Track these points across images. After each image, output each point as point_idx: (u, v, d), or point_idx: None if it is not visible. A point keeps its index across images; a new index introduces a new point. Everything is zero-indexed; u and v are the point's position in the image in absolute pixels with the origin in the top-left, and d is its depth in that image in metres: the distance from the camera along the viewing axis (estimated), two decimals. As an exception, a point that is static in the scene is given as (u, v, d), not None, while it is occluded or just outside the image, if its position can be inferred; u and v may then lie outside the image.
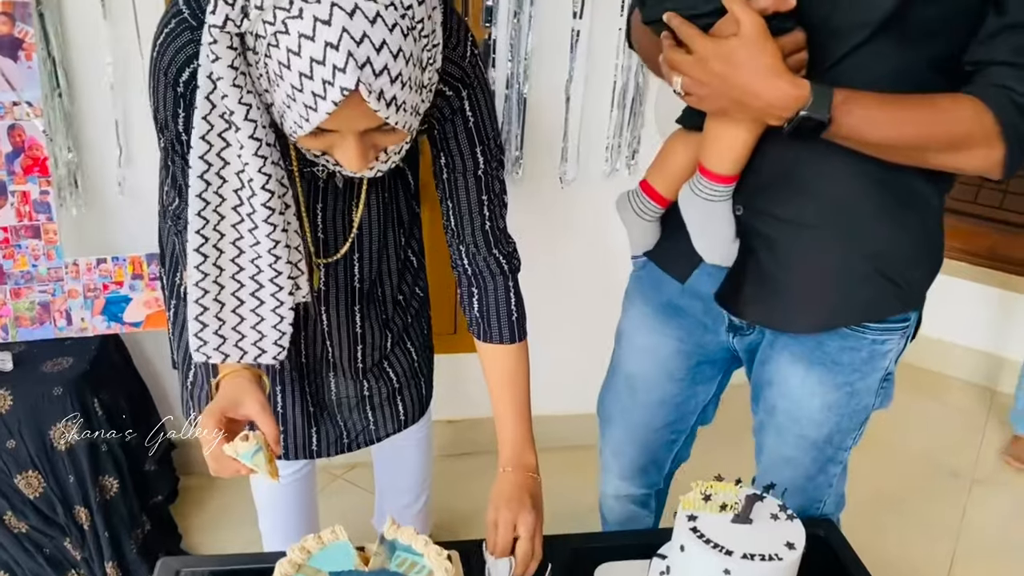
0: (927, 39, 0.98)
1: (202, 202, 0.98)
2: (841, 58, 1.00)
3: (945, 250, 1.17)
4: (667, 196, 1.24)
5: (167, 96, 1.01)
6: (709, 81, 0.98)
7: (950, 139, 0.97)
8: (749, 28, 0.95)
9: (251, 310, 1.06)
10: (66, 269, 1.83)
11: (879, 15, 0.96)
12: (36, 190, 1.77)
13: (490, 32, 1.93)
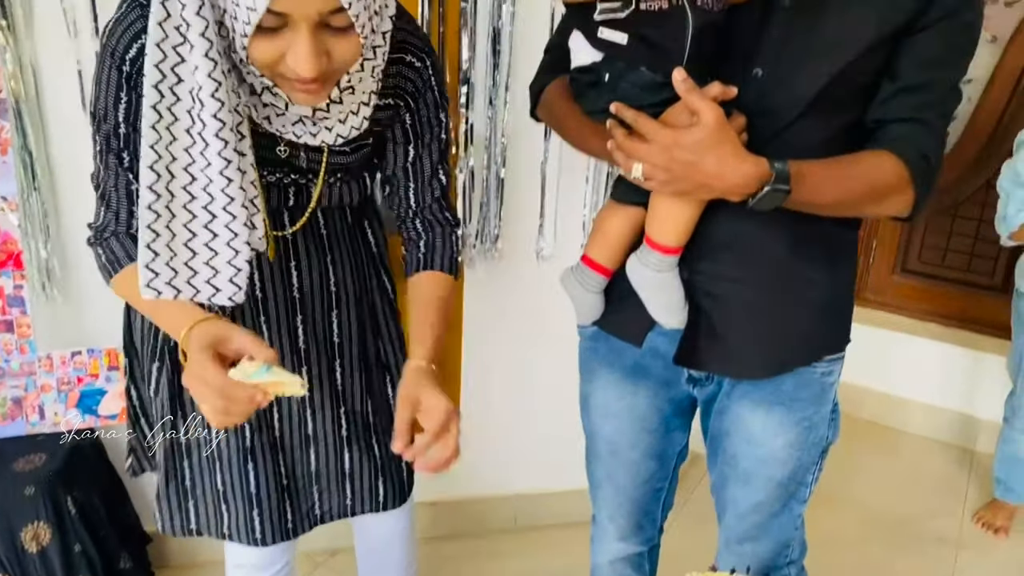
0: (843, 111, 1.13)
1: (155, 134, 0.98)
2: (774, 136, 1.11)
3: (917, 313, 1.32)
4: (609, 267, 1.29)
5: (110, 78, 1.02)
6: (673, 168, 1.04)
7: (876, 191, 1.11)
8: (711, 118, 1.02)
9: (204, 244, 1.03)
10: (39, 363, 1.80)
11: (808, 96, 1.10)
12: (10, 284, 1.75)
13: (467, 117, 1.97)
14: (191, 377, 0.99)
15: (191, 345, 1.01)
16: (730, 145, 1.04)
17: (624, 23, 1.06)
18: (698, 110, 1.03)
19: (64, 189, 1.81)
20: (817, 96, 1.10)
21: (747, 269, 1.21)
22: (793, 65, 1.11)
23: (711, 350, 1.25)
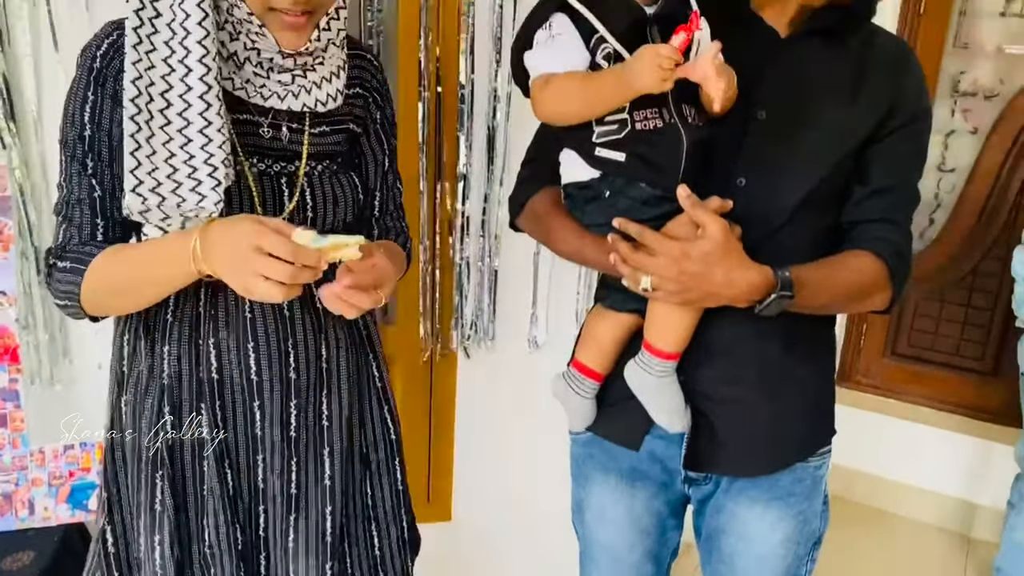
0: (824, 214, 1.20)
1: (136, 53, 1.00)
2: (763, 240, 1.16)
3: (907, 395, 1.42)
4: (601, 371, 1.31)
5: (79, 83, 1.06)
6: (682, 280, 1.09)
7: (862, 291, 1.19)
8: (717, 231, 1.08)
9: (184, 162, 1.03)
10: (31, 457, 1.79)
11: (791, 204, 1.17)
12: (5, 378, 1.75)
13: (463, 210, 2.01)
14: (235, 255, 0.95)
15: (222, 227, 0.99)
16: (736, 256, 1.09)
17: (621, 142, 1.11)
18: (704, 223, 1.08)
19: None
20: (801, 203, 1.16)
21: (744, 371, 1.24)
22: (775, 175, 1.17)
23: (714, 452, 1.27)
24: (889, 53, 1.21)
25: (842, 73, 1.18)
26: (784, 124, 1.16)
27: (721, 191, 1.14)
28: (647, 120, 1.10)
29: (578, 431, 1.40)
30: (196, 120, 1.03)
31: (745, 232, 1.15)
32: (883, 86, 1.17)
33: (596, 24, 1.09)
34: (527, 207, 1.34)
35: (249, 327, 1.14)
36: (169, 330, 1.14)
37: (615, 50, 1.09)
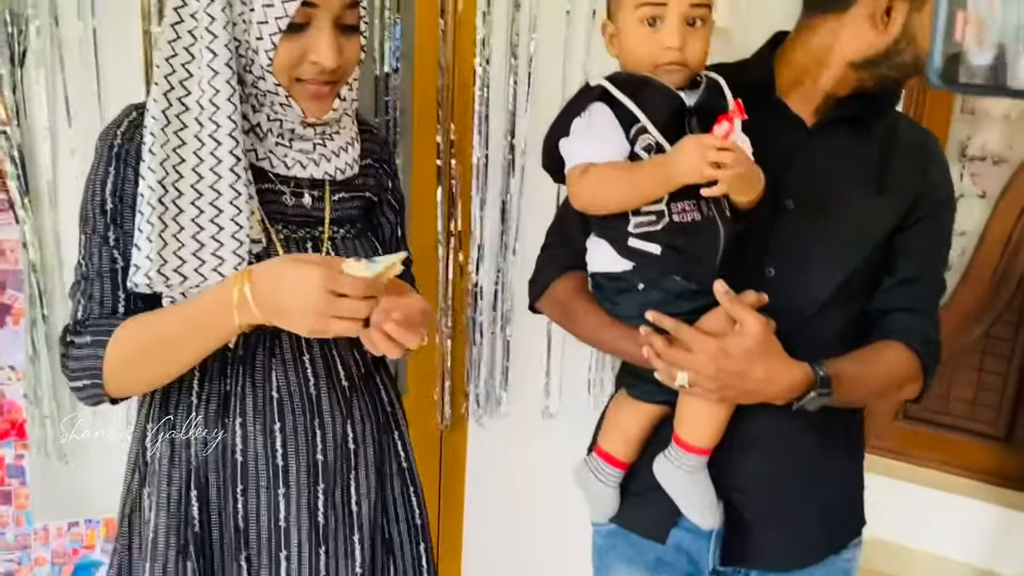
0: (854, 303, 1.20)
1: (163, 134, 1.02)
2: (794, 331, 1.14)
3: (921, 459, 1.44)
4: (626, 460, 1.27)
5: (100, 160, 1.07)
6: (721, 377, 1.07)
7: (896, 383, 1.19)
8: (757, 327, 1.07)
9: (212, 236, 1.04)
10: (35, 535, 1.75)
11: (823, 295, 1.16)
12: (11, 454, 1.72)
13: (477, 279, 2.00)
14: (307, 300, 0.93)
15: (275, 274, 0.97)
16: (776, 353, 1.08)
17: (657, 234, 1.09)
18: (742, 319, 1.07)
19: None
20: (833, 295, 1.16)
21: (778, 462, 1.22)
22: (805, 266, 1.15)
23: (747, 547, 1.24)
24: (913, 142, 1.21)
25: (869, 162, 1.18)
26: (813, 214, 1.15)
27: (751, 282, 1.13)
28: (684, 212, 1.08)
29: (600, 522, 1.36)
30: (227, 192, 1.04)
31: (777, 324, 1.13)
32: (909, 176, 1.18)
33: (638, 114, 1.07)
34: (549, 292, 1.32)
35: (276, 408, 1.11)
36: (195, 412, 1.11)
37: (656, 141, 1.07)
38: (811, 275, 1.16)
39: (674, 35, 1.05)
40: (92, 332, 1.05)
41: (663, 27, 1.05)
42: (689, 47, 1.06)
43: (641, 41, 1.07)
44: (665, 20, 1.05)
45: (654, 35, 1.06)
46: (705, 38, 1.08)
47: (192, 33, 1.04)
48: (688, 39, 1.06)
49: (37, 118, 1.68)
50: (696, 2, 1.05)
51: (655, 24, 1.06)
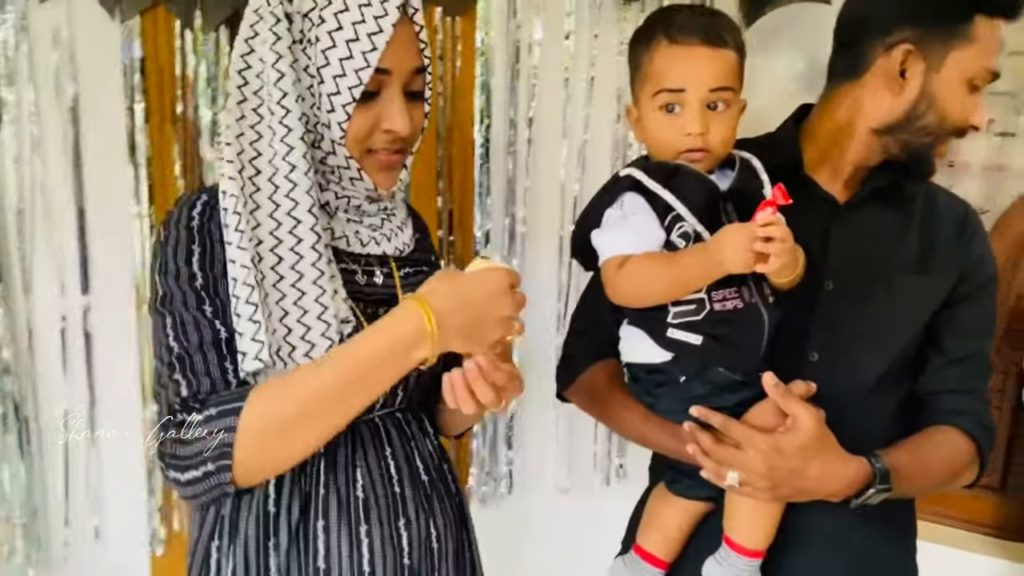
0: (901, 386, 1.15)
1: (237, 217, 0.94)
2: (840, 418, 1.06)
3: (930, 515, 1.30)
4: (667, 559, 1.19)
5: (178, 242, 0.97)
6: (773, 475, 1.01)
7: (954, 471, 1.13)
8: (811, 423, 1.01)
9: (298, 319, 0.96)
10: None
11: (870, 380, 1.11)
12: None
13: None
14: (494, 307, 0.89)
15: (458, 293, 0.90)
16: (832, 449, 1.02)
17: (697, 324, 1.03)
18: (795, 414, 1.01)
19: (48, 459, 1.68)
20: (880, 378, 1.10)
21: (831, 558, 1.14)
22: (850, 349, 1.09)
23: None
24: (954, 215, 1.16)
25: (908, 237, 1.13)
26: (853, 295, 1.10)
27: (792, 368, 1.06)
28: (726, 300, 1.02)
29: None
30: (310, 272, 0.97)
31: (824, 410, 1.06)
32: (952, 250, 1.13)
33: (674, 203, 1.02)
34: (579, 382, 1.25)
35: (362, 508, 1.02)
36: (274, 522, 1.00)
37: (694, 229, 1.02)
38: (856, 359, 1.10)
39: (695, 121, 1.01)
40: (215, 405, 0.89)
41: (683, 113, 1.02)
42: (712, 132, 1.02)
43: (662, 127, 1.04)
44: (685, 106, 1.01)
45: (675, 121, 1.02)
46: (729, 122, 1.04)
47: (258, 111, 0.99)
48: (711, 124, 1.02)
49: (8, 199, 1.58)
50: (716, 86, 1.01)
51: (674, 111, 1.02)
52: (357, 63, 0.96)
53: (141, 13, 1.64)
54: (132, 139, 1.67)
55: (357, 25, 0.95)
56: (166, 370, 0.93)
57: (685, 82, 1.01)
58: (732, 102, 1.03)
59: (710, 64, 1.01)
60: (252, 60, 0.98)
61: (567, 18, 1.82)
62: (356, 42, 0.95)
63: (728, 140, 1.05)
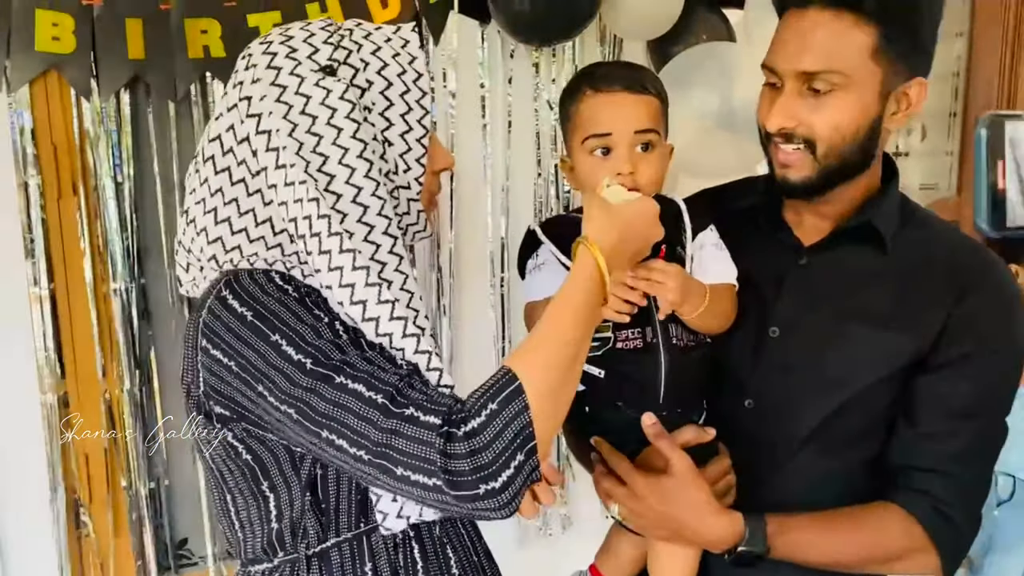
0: (852, 446, 1.05)
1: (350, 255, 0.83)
2: (770, 470, 1.06)
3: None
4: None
5: (285, 316, 0.83)
6: (647, 515, 1.01)
7: (884, 552, 1.02)
8: (679, 467, 1.00)
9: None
10: None
11: (803, 431, 1.04)
12: None
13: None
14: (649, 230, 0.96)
15: (618, 225, 0.92)
16: (701, 495, 1.00)
17: (599, 359, 1.04)
18: (668, 457, 1.01)
19: None
20: (815, 431, 1.04)
21: None
22: (784, 398, 1.06)
23: None
24: (950, 266, 1.02)
25: (880, 286, 1.03)
26: (798, 343, 1.05)
27: (728, 413, 1.07)
28: (628, 340, 1.03)
29: None
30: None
31: (751, 458, 1.06)
32: (933, 307, 1.00)
33: (557, 254, 1.05)
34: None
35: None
36: None
37: None
38: (790, 409, 1.05)
39: (623, 162, 1.03)
40: (483, 403, 0.79)
41: (612, 156, 1.04)
42: (640, 171, 1.04)
43: (593, 171, 1.05)
44: (613, 149, 1.04)
45: (604, 164, 1.04)
46: (656, 162, 1.05)
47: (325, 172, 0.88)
48: (639, 164, 1.04)
49: None
50: (640, 128, 1.03)
51: (603, 154, 1.04)
52: (417, 114, 0.91)
53: (30, 82, 1.55)
54: (28, 215, 1.57)
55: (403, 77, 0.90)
56: (407, 425, 0.78)
57: (611, 126, 1.03)
58: (657, 144, 1.05)
59: (634, 108, 1.03)
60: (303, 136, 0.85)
61: (480, 67, 1.81)
62: (408, 93, 0.90)
63: (656, 180, 1.07)
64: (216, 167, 0.88)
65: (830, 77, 0.95)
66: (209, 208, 0.88)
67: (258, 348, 0.82)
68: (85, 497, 1.67)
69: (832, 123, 0.96)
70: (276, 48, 0.87)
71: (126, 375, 1.65)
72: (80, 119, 1.59)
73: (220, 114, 0.89)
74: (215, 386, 0.86)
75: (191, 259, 0.92)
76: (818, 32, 0.95)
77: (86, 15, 1.54)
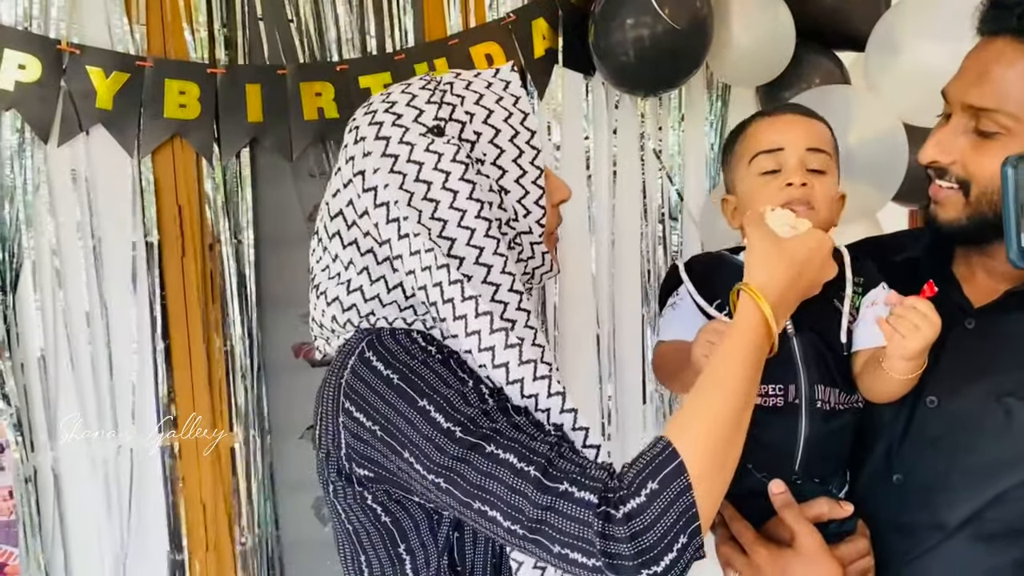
0: (1010, 542, 0.91)
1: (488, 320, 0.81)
2: (915, 556, 0.95)
3: None
4: None
5: (428, 380, 0.80)
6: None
7: None
8: (805, 543, 0.92)
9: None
10: None
11: (955, 518, 0.92)
12: None
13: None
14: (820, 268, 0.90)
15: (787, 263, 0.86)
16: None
17: None
18: (795, 532, 0.93)
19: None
20: (968, 519, 0.92)
21: None
22: (935, 479, 0.95)
23: None
24: None
25: None
26: (957, 417, 0.94)
27: (873, 488, 0.99)
28: (768, 397, 0.96)
29: None
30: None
31: (895, 544, 0.96)
32: None
33: (695, 295, 1.01)
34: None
35: None
36: None
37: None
38: (940, 492, 0.94)
39: (795, 173, 0.97)
40: (641, 480, 0.74)
41: (783, 171, 0.99)
42: (816, 188, 0.98)
43: (760, 189, 1.00)
44: (784, 164, 0.99)
45: (773, 180, 0.99)
46: (830, 185, 1.00)
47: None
48: (813, 181, 0.98)
49: (31, 346, 1.53)
50: (812, 146, 0.98)
51: (773, 173, 0.99)
52: (529, 156, 0.88)
53: (156, 150, 1.63)
54: (152, 273, 1.64)
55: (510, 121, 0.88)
56: (562, 501, 0.75)
57: (782, 141, 0.99)
58: (829, 172, 1.00)
59: (806, 126, 1.01)
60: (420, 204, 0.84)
61: (584, 120, 1.81)
62: (517, 136, 0.88)
63: (830, 204, 1.00)
64: (344, 241, 0.87)
65: (999, 118, 0.86)
66: (343, 280, 0.87)
67: (406, 414, 0.79)
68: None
69: (989, 171, 0.87)
70: (381, 117, 0.87)
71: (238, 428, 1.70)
72: (200, 180, 1.67)
73: (337, 190, 0.89)
74: (358, 449, 0.84)
75: (324, 333, 0.92)
76: (998, 66, 0.86)
77: (210, 82, 1.62)
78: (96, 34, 1.57)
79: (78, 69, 1.55)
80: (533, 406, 0.81)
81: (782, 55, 1.68)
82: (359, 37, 1.71)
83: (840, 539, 0.95)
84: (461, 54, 1.70)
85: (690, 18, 1.56)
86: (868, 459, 1.00)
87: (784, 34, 1.66)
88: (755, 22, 1.66)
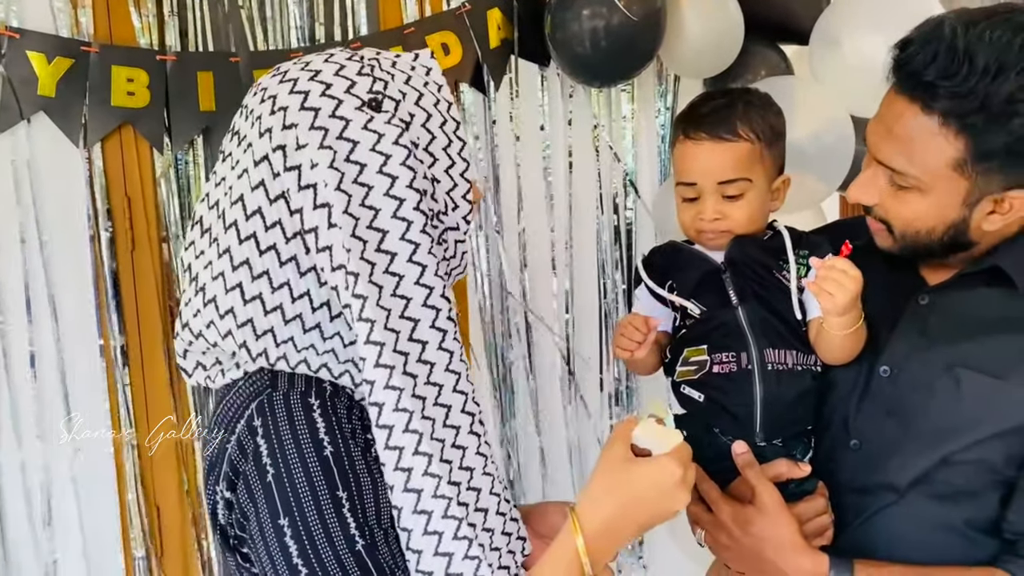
0: (956, 503, 0.97)
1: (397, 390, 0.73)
2: (869, 516, 1.01)
3: None
4: None
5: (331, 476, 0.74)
6: (731, 547, 1.00)
7: None
8: (765, 499, 0.97)
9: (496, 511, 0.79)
10: None
11: (906, 479, 0.98)
12: None
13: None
14: (665, 499, 0.82)
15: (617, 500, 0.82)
16: (786, 532, 0.97)
17: (699, 383, 1.05)
18: (757, 490, 0.98)
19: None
20: (916, 480, 0.97)
21: None
22: (886, 443, 1.00)
23: None
24: None
25: (1001, 333, 0.96)
26: (909, 386, 0.99)
27: (832, 452, 1.04)
28: (723, 363, 1.03)
29: None
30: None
31: (851, 503, 1.02)
32: None
33: (653, 287, 1.09)
34: None
35: None
36: None
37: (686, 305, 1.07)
38: (891, 456, 0.99)
39: (708, 209, 1.05)
40: None
41: (699, 201, 1.07)
42: (731, 216, 1.06)
43: (683, 212, 1.10)
44: (700, 196, 1.06)
45: (693, 207, 1.08)
46: (748, 206, 1.05)
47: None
48: (727, 210, 1.05)
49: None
50: (724, 179, 1.04)
51: (696, 201, 1.07)
52: (456, 146, 0.80)
53: (104, 139, 1.57)
54: (98, 267, 1.58)
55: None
56: None
57: (695, 175, 1.06)
58: (748, 189, 1.05)
59: (720, 159, 1.04)
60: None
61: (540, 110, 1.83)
62: (446, 124, 0.80)
63: (752, 218, 1.07)
64: (240, 235, 0.74)
65: (909, 179, 0.92)
66: (232, 284, 0.74)
67: (265, 531, 0.72)
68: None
69: (906, 217, 0.95)
70: (306, 86, 0.74)
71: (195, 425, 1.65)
72: (152, 170, 1.61)
73: (245, 170, 0.74)
74: (229, 520, 0.77)
75: (204, 347, 0.78)
76: (901, 127, 0.90)
77: (160, 69, 1.56)
78: (37, 17, 1.50)
79: (18, 54, 1.48)
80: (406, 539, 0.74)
81: (732, 47, 1.72)
82: (310, 24, 1.68)
83: (799, 498, 1.01)
84: (416, 43, 1.68)
85: (646, 10, 1.59)
86: (828, 427, 1.05)
87: (734, 27, 1.71)
88: (706, 15, 1.70)
